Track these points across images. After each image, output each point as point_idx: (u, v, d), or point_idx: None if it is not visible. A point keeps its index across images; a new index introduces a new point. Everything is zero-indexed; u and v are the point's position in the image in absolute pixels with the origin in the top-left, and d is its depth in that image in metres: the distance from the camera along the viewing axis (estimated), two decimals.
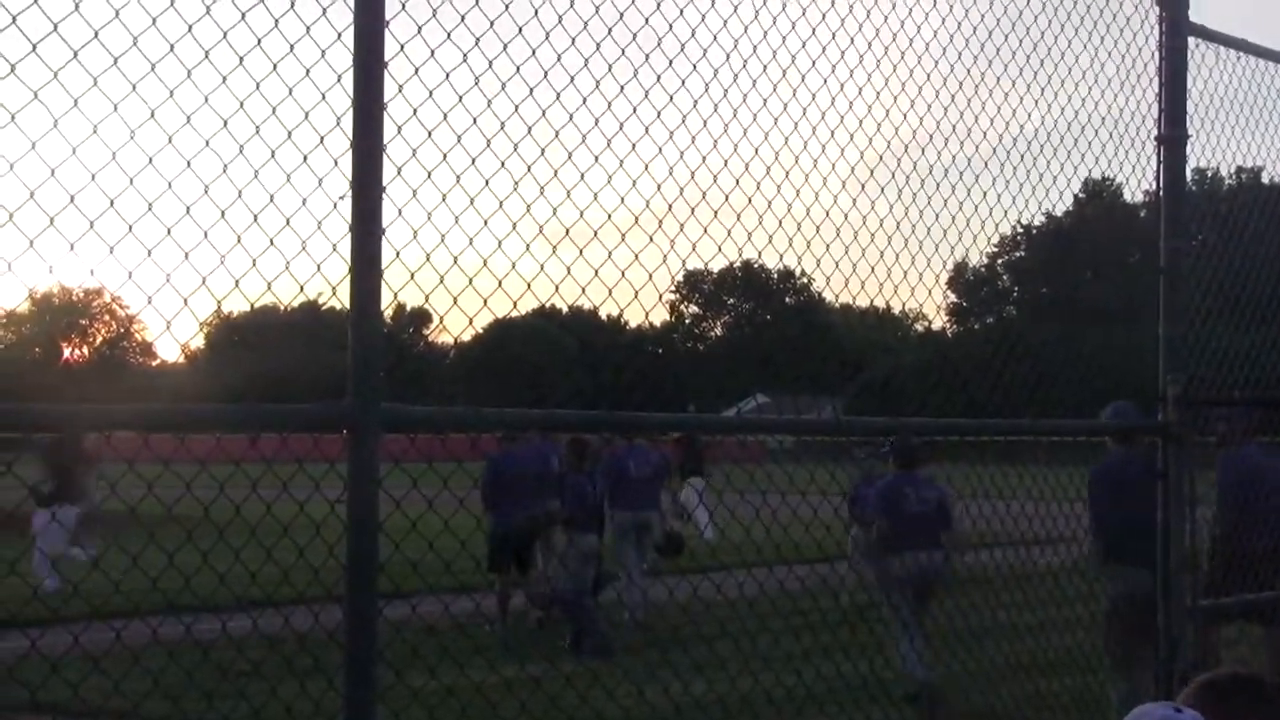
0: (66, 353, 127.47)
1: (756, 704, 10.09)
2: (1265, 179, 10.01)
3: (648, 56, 6.04)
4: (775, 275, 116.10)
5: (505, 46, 5.47)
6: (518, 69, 5.51)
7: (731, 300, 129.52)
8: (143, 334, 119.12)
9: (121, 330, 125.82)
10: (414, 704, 7.49)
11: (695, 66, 6.26)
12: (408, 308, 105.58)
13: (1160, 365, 8.26)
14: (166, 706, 7.67)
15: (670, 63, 6.14)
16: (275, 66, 4.86)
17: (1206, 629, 10.52)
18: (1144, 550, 10.58)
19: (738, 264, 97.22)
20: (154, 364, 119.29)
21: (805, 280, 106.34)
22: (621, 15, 5.91)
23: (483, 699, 8.67)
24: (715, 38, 6.36)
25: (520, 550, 19.32)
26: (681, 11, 6.20)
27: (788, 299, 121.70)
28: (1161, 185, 8.29)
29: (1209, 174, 10.13)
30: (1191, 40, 8.54)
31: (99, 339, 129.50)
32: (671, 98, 6.15)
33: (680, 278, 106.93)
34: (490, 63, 5.42)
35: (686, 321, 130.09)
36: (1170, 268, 8.28)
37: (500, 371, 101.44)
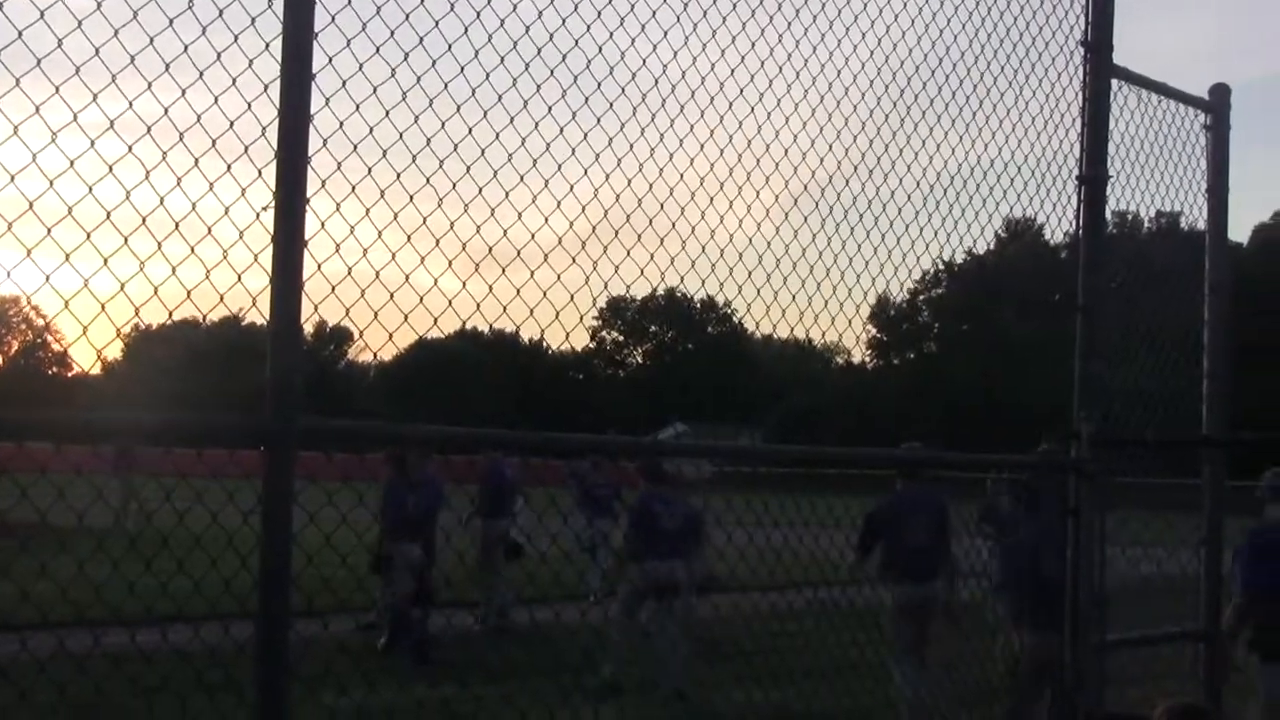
0: None
1: None
2: (1183, 224, 10.09)
3: (575, 78, 6.05)
4: (698, 304, 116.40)
5: (434, 63, 5.46)
6: (445, 86, 5.50)
7: (654, 328, 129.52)
8: (61, 340, 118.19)
9: (37, 339, 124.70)
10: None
11: (623, 90, 6.28)
12: (329, 326, 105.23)
13: (1074, 402, 8.31)
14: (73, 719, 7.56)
15: (599, 85, 6.15)
16: (202, 74, 4.83)
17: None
18: (921, 568, 13.69)
19: (660, 291, 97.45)
20: (69, 374, 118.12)
21: (728, 310, 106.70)
22: (551, 36, 5.91)
23: (395, 717, 8.64)
24: (644, 62, 6.37)
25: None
26: (611, 34, 6.21)
27: (710, 328, 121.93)
28: (1081, 224, 8.35)
29: (1129, 217, 10.22)
30: (1115, 82, 8.63)
31: (14, 348, 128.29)
32: (599, 120, 6.16)
33: (603, 303, 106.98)
34: (418, 79, 5.42)
35: (608, 348, 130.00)
36: (1088, 306, 8.33)
37: (420, 391, 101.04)
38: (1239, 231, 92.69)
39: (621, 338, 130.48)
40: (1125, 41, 8.61)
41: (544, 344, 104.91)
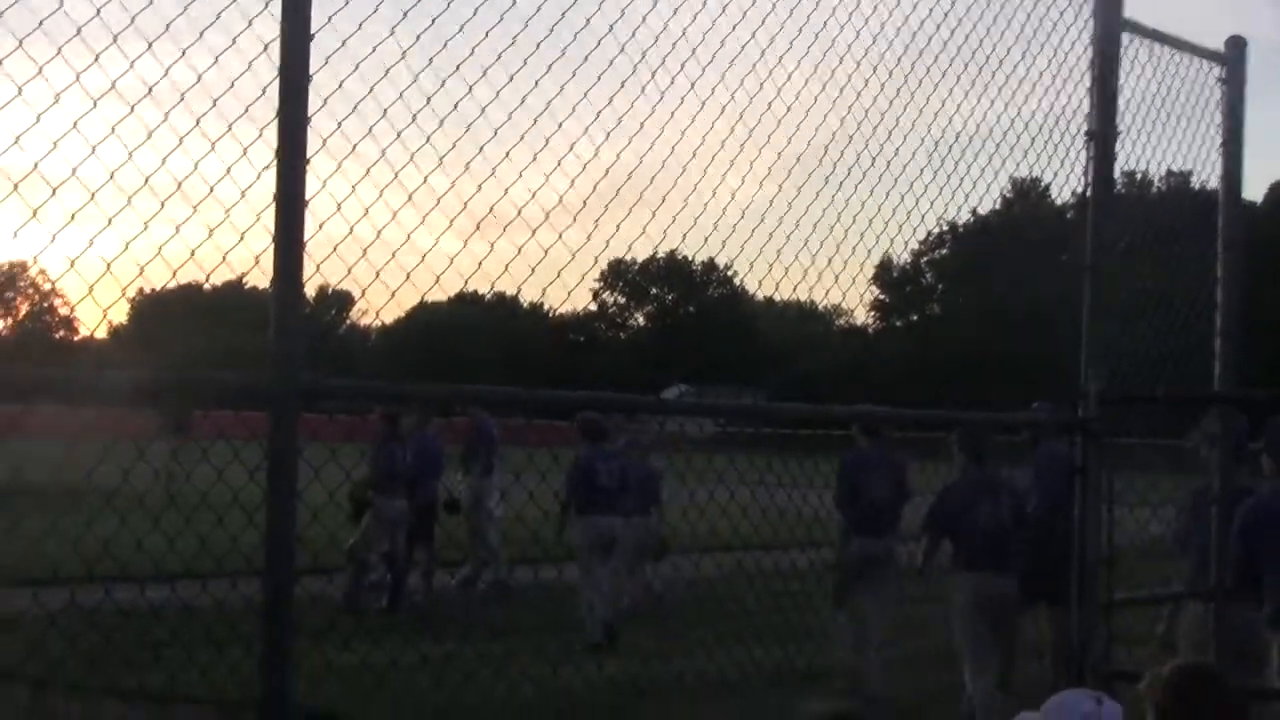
0: None
1: (667, 686, 10.13)
2: (1194, 183, 10.04)
3: (575, 36, 6.02)
4: (699, 267, 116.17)
5: (433, 22, 5.45)
6: (445, 44, 5.49)
7: (655, 291, 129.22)
8: (67, 301, 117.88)
9: (45, 304, 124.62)
10: (329, 675, 7.48)
11: (624, 48, 6.25)
12: (331, 289, 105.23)
13: (1082, 361, 8.29)
14: (83, 670, 7.60)
15: (599, 42, 6.12)
16: (202, 34, 4.82)
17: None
18: (881, 524, 14.29)
19: (662, 254, 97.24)
20: (76, 339, 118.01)
21: (730, 273, 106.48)
22: None
23: (399, 672, 8.68)
24: (644, 19, 6.34)
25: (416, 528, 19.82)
26: None
27: (711, 291, 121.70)
28: (1090, 180, 8.30)
29: (1138, 176, 10.18)
30: (1125, 36, 8.55)
31: (21, 312, 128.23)
32: (599, 78, 6.14)
33: (604, 266, 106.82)
34: (417, 37, 5.40)
35: (610, 310, 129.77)
36: (1096, 264, 8.30)
37: (422, 355, 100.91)
38: (1253, 190, 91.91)
39: (623, 300, 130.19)
40: None
41: (545, 307, 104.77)
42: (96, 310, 4.74)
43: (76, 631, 6.00)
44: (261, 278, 4.95)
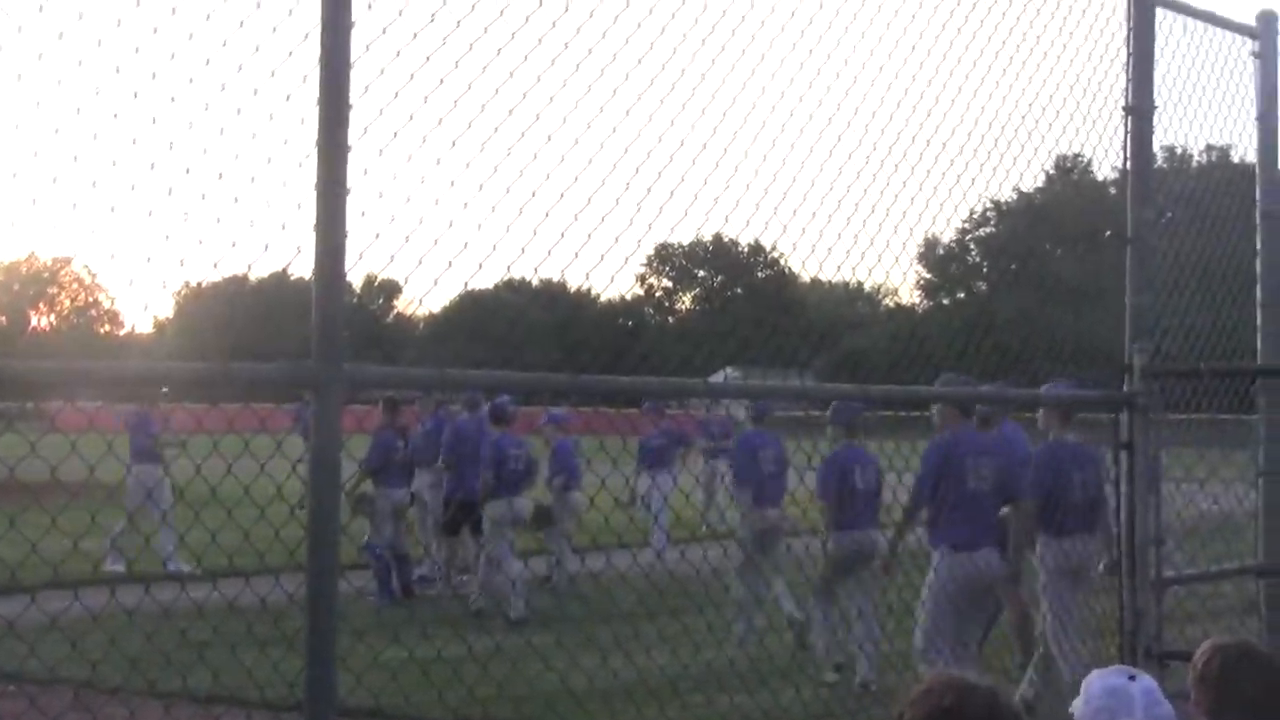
0: (34, 321, 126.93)
1: (721, 676, 10.11)
2: (1234, 156, 10.00)
3: (617, 17, 5.99)
4: (745, 249, 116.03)
5: (474, 7, 5.42)
6: (485, 29, 5.46)
7: (702, 273, 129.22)
8: (110, 300, 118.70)
9: (89, 299, 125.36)
10: (375, 669, 7.47)
11: (664, 29, 6.21)
12: (376, 279, 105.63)
13: (1126, 335, 8.26)
14: (125, 671, 7.57)
15: (639, 25, 6.09)
16: (243, 23, 4.81)
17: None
18: (775, 492, 16.01)
19: (708, 237, 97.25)
20: (121, 333, 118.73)
21: (776, 254, 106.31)
22: None
23: (445, 666, 8.65)
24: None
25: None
26: None
27: (758, 273, 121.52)
28: (1129, 154, 8.29)
29: (1178, 151, 10.14)
30: (1160, 11, 8.56)
31: (66, 307, 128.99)
32: (640, 61, 6.11)
33: (650, 250, 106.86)
34: (459, 22, 5.38)
35: (656, 295, 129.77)
36: (1138, 237, 8.27)
37: (468, 343, 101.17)
38: None
39: (669, 284, 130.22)
40: None
41: (591, 291, 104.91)
42: (140, 304, 4.73)
43: (117, 631, 5.98)
44: (306, 269, 4.93)
